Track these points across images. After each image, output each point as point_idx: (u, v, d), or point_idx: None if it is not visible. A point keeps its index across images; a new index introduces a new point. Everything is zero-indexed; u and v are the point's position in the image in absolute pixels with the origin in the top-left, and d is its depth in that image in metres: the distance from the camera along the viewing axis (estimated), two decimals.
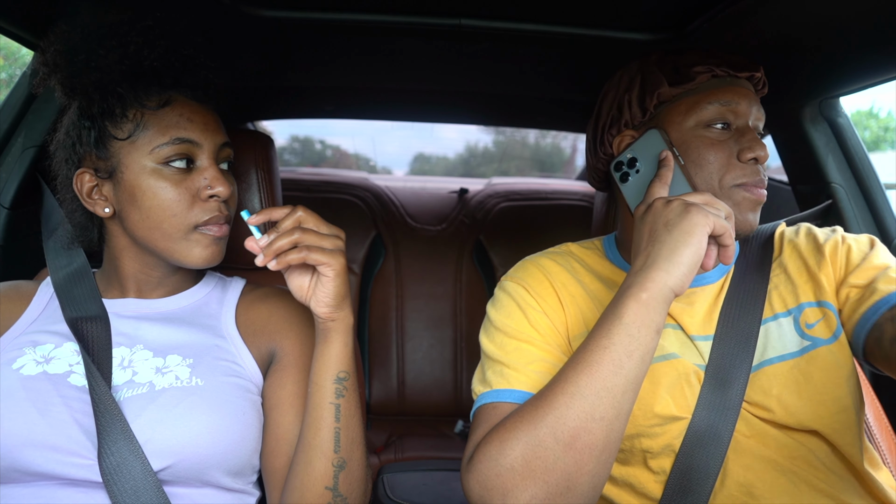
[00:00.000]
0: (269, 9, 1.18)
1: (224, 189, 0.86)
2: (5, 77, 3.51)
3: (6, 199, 1.14)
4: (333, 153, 5.46)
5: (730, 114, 0.88)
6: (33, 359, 0.83)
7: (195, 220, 0.86)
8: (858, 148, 1.38)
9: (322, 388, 0.80)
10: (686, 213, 0.73)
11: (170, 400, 0.81)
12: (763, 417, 0.82)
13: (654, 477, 0.82)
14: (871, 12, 0.95)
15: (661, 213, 0.76)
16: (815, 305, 0.88)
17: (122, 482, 0.74)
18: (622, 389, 0.69)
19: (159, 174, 0.85)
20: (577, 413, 0.68)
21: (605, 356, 0.70)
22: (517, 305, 0.89)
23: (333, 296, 0.77)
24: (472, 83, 1.68)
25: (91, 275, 0.93)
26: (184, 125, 0.86)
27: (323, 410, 0.80)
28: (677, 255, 0.71)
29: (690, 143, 0.88)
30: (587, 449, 0.68)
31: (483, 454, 0.72)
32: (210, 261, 0.88)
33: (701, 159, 0.87)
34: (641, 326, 0.70)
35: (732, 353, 0.83)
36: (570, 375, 0.71)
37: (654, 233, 0.75)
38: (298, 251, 0.74)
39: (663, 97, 0.90)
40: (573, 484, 0.68)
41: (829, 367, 0.83)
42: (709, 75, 0.88)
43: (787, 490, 0.79)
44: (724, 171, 0.86)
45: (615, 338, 0.70)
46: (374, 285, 2.24)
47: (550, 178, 3.53)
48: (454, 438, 1.99)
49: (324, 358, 0.81)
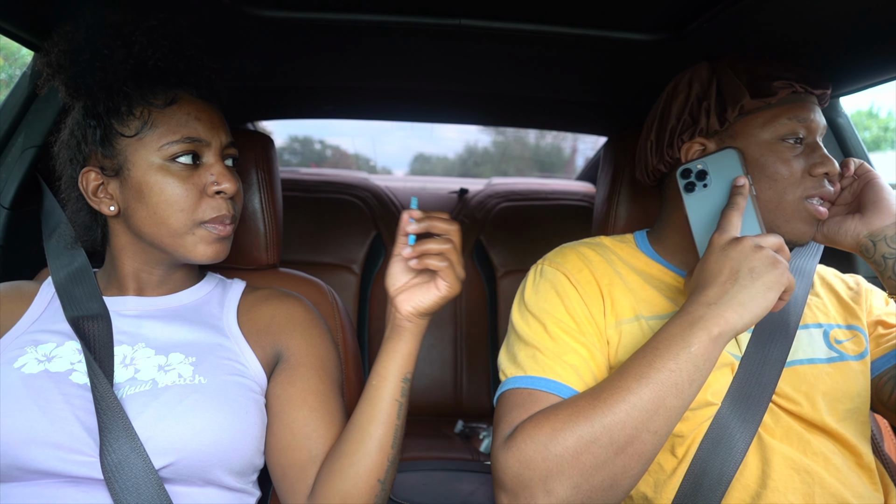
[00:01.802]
0: (269, 9, 1.18)
1: (231, 185, 0.88)
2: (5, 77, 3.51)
3: (6, 199, 1.14)
4: (333, 153, 5.46)
5: (803, 129, 0.90)
6: (35, 357, 0.83)
7: (201, 217, 0.87)
8: (858, 148, 1.38)
9: (390, 384, 0.83)
10: (773, 268, 0.75)
11: (172, 398, 0.81)
12: (789, 409, 0.84)
13: (677, 465, 0.84)
14: (871, 12, 0.95)
15: (749, 257, 0.76)
16: (844, 328, 0.93)
17: (124, 480, 0.75)
18: (678, 411, 0.73)
19: (167, 170, 0.86)
20: (634, 423, 0.72)
21: (670, 378, 0.72)
22: (555, 292, 0.90)
23: (431, 309, 0.82)
24: (472, 83, 1.68)
25: (92, 274, 0.93)
26: (192, 124, 0.87)
27: (388, 405, 0.83)
28: (754, 304, 0.73)
29: (766, 156, 0.89)
30: (637, 456, 0.72)
31: (530, 437, 0.75)
32: (214, 257, 0.90)
33: (776, 174, 0.89)
34: (707, 360, 0.73)
35: (769, 347, 0.86)
36: (634, 386, 0.73)
37: (737, 273, 0.75)
38: (440, 259, 0.79)
39: (746, 109, 0.90)
40: (616, 484, 0.72)
41: (853, 379, 0.87)
42: (789, 90, 0.90)
43: (798, 488, 0.80)
44: (795, 186, 0.88)
45: (683, 364, 0.72)
46: (375, 285, 2.24)
47: (550, 178, 3.53)
48: (454, 438, 1.99)
49: (395, 355, 0.83)
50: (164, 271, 0.94)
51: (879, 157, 8.92)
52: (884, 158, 8.57)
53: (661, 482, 0.84)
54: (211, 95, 0.93)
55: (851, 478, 0.83)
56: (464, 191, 2.42)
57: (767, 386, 0.83)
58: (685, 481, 0.82)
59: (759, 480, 0.81)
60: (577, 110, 1.94)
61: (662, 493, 0.83)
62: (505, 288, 2.22)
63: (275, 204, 1.17)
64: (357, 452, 0.82)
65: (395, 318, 0.84)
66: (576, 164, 3.53)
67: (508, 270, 2.24)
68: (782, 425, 0.84)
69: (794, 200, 0.88)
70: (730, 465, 0.80)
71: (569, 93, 1.72)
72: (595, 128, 2.23)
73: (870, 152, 1.40)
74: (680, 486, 0.82)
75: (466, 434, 2.01)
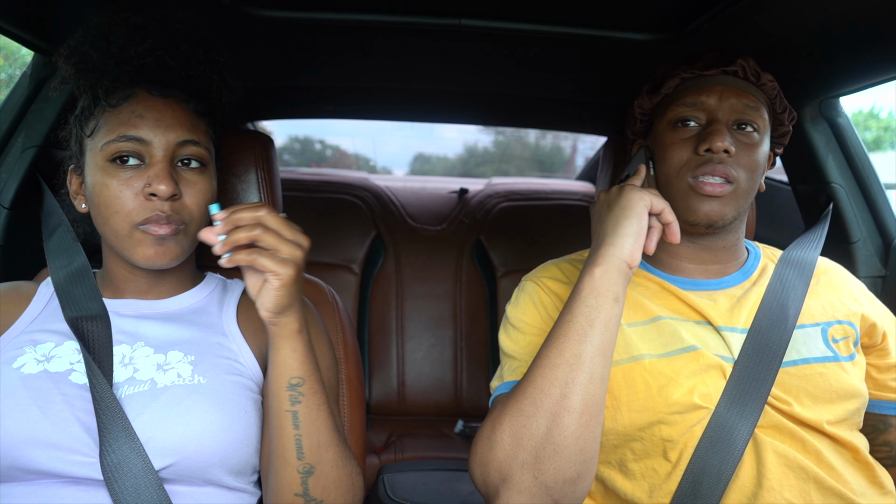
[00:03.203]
0: (269, 9, 1.18)
1: (166, 188, 0.82)
2: (5, 77, 3.51)
3: (6, 199, 1.14)
4: (333, 153, 5.46)
5: (698, 112, 0.92)
6: (34, 357, 0.82)
7: (136, 219, 0.84)
8: (858, 148, 1.38)
9: (276, 397, 0.78)
10: (621, 192, 0.84)
11: (172, 398, 0.81)
12: (782, 409, 0.84)
13: (672, 469, 0.83)
14: (870, 12, 0.95)
15: (605, 199, 0.87)
16: (845, 323, 0.93)
17: (123, 480, 0.74)
18: (590, 355, 0.76)
19: (106, 171, 0.84)
20: (551, 382, 0.75)
21: (570, 328, 0.77)
22: (533, 303, 0.94)
23: (275, 304, 0.73)
24: (472, 83, 1.68)
25: (91, 274, 0.93)
26: (134, 122, 0.84)
27: (280, 419, 0.78)
28: (620, 228, 0.81)
29: (659, 143, 0.96)
30: (566, 413, 0.73)
31: (479, 436, 0.79)
32: (154, 260, 0.85)
33: (663, 156, 0.94)
34: (598, 297, 0.78)
35: (766, 346, 0.86)
36: (543, 351, 0.78)
37: (601, 216, 0.86)
38: (249, 253, 0.72)
39: (644, 107, 0.99)
40: (559, 447, 0.73)
41: (845, 378, 0.87)
42: (677, 79, 0.94)
43: (794, 486, 0.80)
44: (680, 165, 0.92)
45: (576, 311, 0.78)
46: (374, 285, 2.24)
47: (550, 178, 3.53)
48: (454, 438, 1.99)
49: (273, 365, 0.79)
50: (147, 277, 0.93)
51: (879, 157, 8.91)
52: (884, 158, 8.57)
53: (656, 486, 0.84)
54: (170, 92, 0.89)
55: (848, 474, 0.83)
56: (464, 191, 2.42)
57: (764, 386, 0.83)
58: (683, 484, 0.81)
59: (755, 480, 0.81)
60: (577, 110, 1.94)
61: (658, 497, 0.83)
62: (505, 288, 2.22)
63: (275, 204, 1.17)
64: (270, 471, 0.81)
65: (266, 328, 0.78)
66: (576, 164, 3.53)
67: (508, 270, 2.23)
68: (775, 423, 0.83)
69: (680, 179, 0.91)
70: (728, 466, 0.80)
71: (569, 93, 1.72)
72: (595, 128, 2.23)
73: (870, 152, 1.39)
74: (678, 489, 0.82)
75: (466, 434, 2.01)
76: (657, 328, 0.89)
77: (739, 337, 0.89)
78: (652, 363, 0.86)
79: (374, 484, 1.63)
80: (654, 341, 0.88)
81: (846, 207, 1.36)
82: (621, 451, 0.87)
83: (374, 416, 2.13)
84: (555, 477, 0.72)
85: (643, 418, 0.84)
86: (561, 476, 0.72)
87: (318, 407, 0.79)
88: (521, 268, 2.18)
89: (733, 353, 0.87)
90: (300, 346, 0.78)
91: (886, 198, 1.37)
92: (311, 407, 0.79)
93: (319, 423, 0.79)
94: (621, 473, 0.87)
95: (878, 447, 0.93)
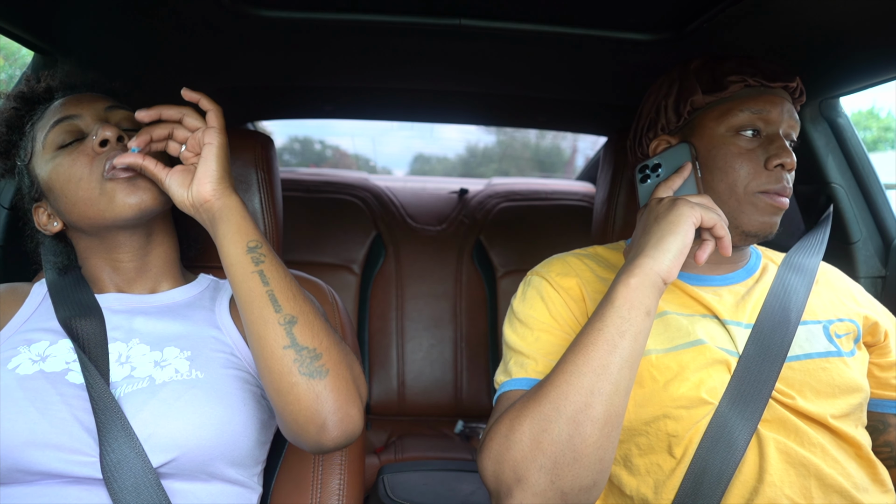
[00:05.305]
0: (269, 9, 1.18)
1: (111, 132, 0.86)
2: (5, 77, 3.51)
3: (6, 199, 1.14)
4: (333, 153, 5.46)
5: (760, 121, 0.91)
6: (29, 357, 0.82)
7: (97, 171, 0.86)
8: (858, 148, 1.38)
9: (240, 264, 0.81)
10: (673, 206, 0.81)
11: (171, 394, 0.81)
12: (785, 403, 0.85)
13: (675, 465, 0.84)
14: (870, 12, 0.95)
15: (654, 209, 0.84)
16: (847, 321, 0.94)
17: (123, 479, 0.74)
18: (618, 367, 0.74)
19: (54, 158, 0.88)
20: (576, 389, 0.73)
21: (600, 337, 0.75)
22: (540, 297, 0.93)
23: (219, 167, 0.82)
24: (472, 83, 1.68)
25: (81, 275, 0.93)
26: (59, 109, 0.90)
27: (249, 282, 0.80)
28: (664, 243, 0.78)
29: (720, 149, 0.92)
30: (591, 422, 0.73)
31: (495, 433, 0.77)
32: (140, 206, 0.87)
33: (727, 166, 0.91)
34: (631, 309, 0.76)
35: (768, 344, 0.87)
36: (569, 357, 0.76)
37: (647, 226, 0.83)
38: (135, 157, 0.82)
39: (696, 104, 0.94)
40: (579, 455, 0.72)
41: (848, 373, 0.88)
42: (741, 84, 0.92)
43: (795, 482, 0.80)
44: (749, 178, 0.90)
45: (607, 320, 0.76)
46: (374, 285, 2.24)
47: (550, 179, 3.53)
48: (454, 438, 1.99)
49: (228, 237, 0.82)
50: (135, 258, 0.93)
51: (879, 157, 8.91)
52: (884, 158, 8.57)
53: (660, 482, 0.84)
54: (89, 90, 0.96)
55: (850, 469, 0.83)
56: (464, 191, 2.42)
57: (767, 383, 0.84)
58: (685, 480, 0.82)
59: (757, 475, 0.81)
60: (577, 110, 1.94)
61: (662, 494, 0.83)
62: (505, 288, 2.22)
63: (275, 204, 1.17)
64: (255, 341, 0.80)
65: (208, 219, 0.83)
66: (576, 164, 3.53)
67: (508, 270, 2.24)
68: (778, 417, 0.84)
69: (746, 192, 0.90)
70: (730, 463, 0.80)
71: (569, 93, 1.72)
72: (595, 128, 2.23)
73: (870, 152, 1.39)
74: (680, 486, 0.82)
75: (466, 434, 2.01)
76: (664, 323, 0.89)
77: (744, 332, 0.89)
78: (658, 358, 0.86)
79: (374, 484, 1.63)
80: (661, 336, 0.88)
81: (846, 208, 1.36)
82: (626, 446, 0.87)
83: (374, 417, 2.13)
84: (572, 484, 0.72)
85: (649, 412, 0.84)
86: (578, 483, 0.72)
87: (279, 265, 0.83)
88: (522, 268, 2.18)
89: (738, 347, 0.88)
90: (247, 213, 0.84)
91: (886, 198, 1.37)
92: (274, 264, 0.82)
93: (288, 278, 0.83)
94: (626, 469, 0.87)
95: (878, 448, 0.93)
